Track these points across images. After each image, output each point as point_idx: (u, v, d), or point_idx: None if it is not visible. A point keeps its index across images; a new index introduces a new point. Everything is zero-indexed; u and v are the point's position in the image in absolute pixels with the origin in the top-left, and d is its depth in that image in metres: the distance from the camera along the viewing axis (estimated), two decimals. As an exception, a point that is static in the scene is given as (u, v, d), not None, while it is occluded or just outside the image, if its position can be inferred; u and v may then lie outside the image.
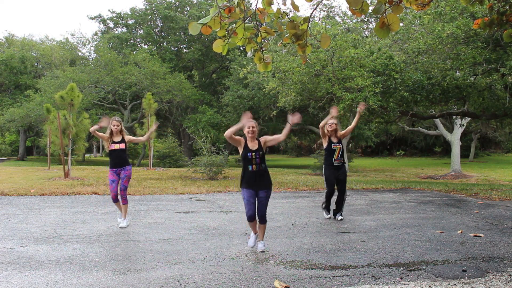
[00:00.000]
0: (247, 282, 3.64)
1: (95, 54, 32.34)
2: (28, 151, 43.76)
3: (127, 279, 3.72)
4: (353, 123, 6.84)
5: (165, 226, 6.02)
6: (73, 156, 15.07)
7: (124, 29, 34.53)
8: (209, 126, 26.50)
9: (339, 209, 6.67)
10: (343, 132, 6.82)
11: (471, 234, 5.49)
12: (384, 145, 46.51)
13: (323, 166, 6.78)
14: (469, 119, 20.09)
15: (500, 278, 3.76)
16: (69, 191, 9.80)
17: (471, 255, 4.51)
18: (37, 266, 4.07)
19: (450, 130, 22.26)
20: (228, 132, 4.54)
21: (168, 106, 30.77)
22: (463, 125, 19.96)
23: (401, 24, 13.84)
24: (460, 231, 5.67)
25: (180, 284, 3.58)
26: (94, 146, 55.10)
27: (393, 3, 3.14)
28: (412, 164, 30.23)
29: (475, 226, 6.08)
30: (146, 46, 33.97)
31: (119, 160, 6.06)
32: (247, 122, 4.66)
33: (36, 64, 36.84)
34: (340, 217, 6.61)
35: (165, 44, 34.37)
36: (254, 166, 4.61)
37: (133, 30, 34.61)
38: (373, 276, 3.79)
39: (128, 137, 6.26)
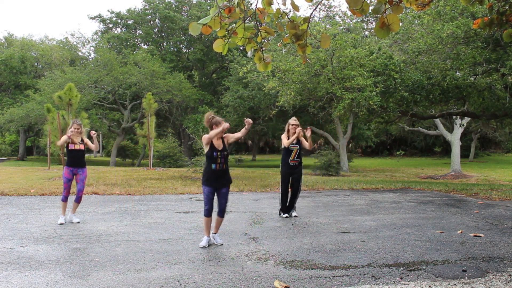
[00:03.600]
0: (247, 282, 3.64)
1: (94, 54, 32.34)
2: (28, 151, 43.74)
3: (127, 279, 3.72)
4: (308, 143, 6.91)
5: (165, 226, 6.02)
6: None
7: (124, 29, 34.54)
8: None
9: (291, 206, 6.91)
10: (304, 141, 6.92)
11: (471, 234, 5.49)
12: (384, 145, 46.51)
13: (280, 165, 7.08)
14: (469, 119, 20.08)
15: (500, 278, 3.76)
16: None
17: (471, 255, 4.51)
18: (37, 266, 4.07)
19: (450, 130, 22.26)
20: (212, 134, 4.73)
21: (168, 106, 30.78)
22: (463, 125, 19.96)
23: (401, 24, 13.84)
24: (460, 231, 5.67)
25: (180, 284, 3.58)
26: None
27: (393, 3, 3.14)
28: (412, 164, 30.23)
29: (475, 226, 6.08)
30: (146, 46, 33.96)
31: (77, 160, 6.31)
32: (222, 123, 4.77)
33: (36, 64, 36.84)
34: (294, 214, 6.90)
35: (165, 44, 34.38)
36: (218, 165, 4.82)
37: (133, 30, 34.62)
38: (373, 276, 3.79)
39: (86, 140, 6.50)
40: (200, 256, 4.45)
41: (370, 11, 3.34)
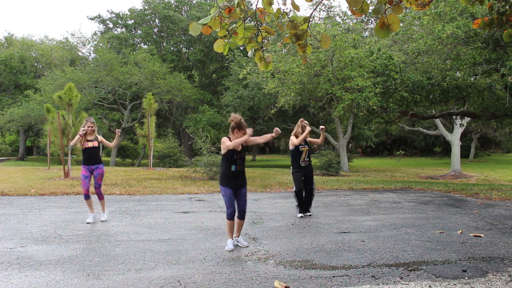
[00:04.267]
0: (247, 282, 3.64)
1: (94, 54, 32.35)
2: (28, 151, 43.76)
3: (127, 279, 3.72)
4: (321, 138, 7.08)
5: (165, 226, 6.02)
6: (73, 156, 15.08)
7: (124, 29, 34.54)
8: (209, 126, 26.50)
9: (308, 205, 6.96)
10: (312, 139, 7.08)
11: (471, 234, 5.49)
12: (384, 145, 46.54)
13: (291, 168, 7.03)
14: (469, 119, 20.09)
15: (500, 278, 3.76)
16: (69, 191, 9.80)
17: (471, 255, 4.51)
18: (37, 266, 4.07)
19: (450, 130, 22.26)
20: (234, 144, 4.64)
21: (168, 106, 30.78)
22: (463, 125, 19.97)
23: (401, 25, 13.85)
24: (460, 231, 5.67)
25: (180, 284, 3.58)
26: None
27: (393, 3, 3.14)
28: (412, 164, 30.23)
29: (475, 226, 6.08)
30: (146, 46, 33.97)
31: (93, 158, 6.39)
32: (247, 132, 4.68)
33: (36, 64, 36.84)
34: (308, 213, 6.94)
35: (165, 44, 34.38)
36: (238, 167, 4.78)
37: (133, 30, 34.63)
38: (373, 276, 3.79)
39: (100, 138, 6.60)
40: (200, 256, 4.46)
41: (370, 11, 3.34)
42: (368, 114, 14.60)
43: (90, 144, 6.36)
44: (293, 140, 6.89)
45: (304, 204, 6.95)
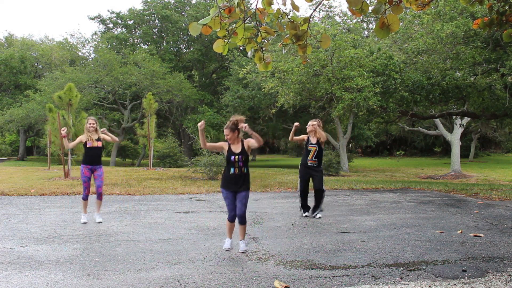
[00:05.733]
0: (247, 282, 3.64)
1: (94, 54, 32.37)
2: (28, 151, 43.76)
3: (127, 279, 3.72)
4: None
5: (165, 226, 6.02)
6: (73, 156, 15.09)
7: (124, 30, 34.55)
8: (209, 126, 26.51)
9: (317, 206, 6.80)
10: (323, 133, 6.93)
11: (471, 234, 5.49)
12: (384, 145, 46.53)
13: (300, 165, 6.96)
14: (469, 119, 20.09)
15: (500, 278, 3.76)
16: (69, 191, 9.80)
17: (471, 255, 4.51)
18: (37, 266, 4.07)
19: (450, 130, 22.26)
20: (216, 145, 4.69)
21: (168, 106, 30.78)
22: (463, 125, 19.97)
23: (400, 24, 13.85)
24: (460, 231, 5.68)
25: (180, 284, 3.58)
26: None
27: (393, 3, 3.14)
28: (412, 164, 30.23)
29: (475, 226, 6.09)
30: (145, 46, 33.98)
31: (95, 158, 6.26)
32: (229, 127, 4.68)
33: (36, 64, 36.84)
34: (318, 215, 6.77)
35: (164, 44, 34.39)
36: (237, 169, 4.67)
37: (133, 30, 34.64)
38: (373, 276, 3.79)
39: (102, 135, 6.44)
40: (200, 256, 4.46)
41: (370, 11, 3.34)
42: (368, 114, 14.60)
43: (94, 144, 6.21)
44: (298, 138, 6.87)
45: (313, 207, 6.83)
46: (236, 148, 4.71)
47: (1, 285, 3.54)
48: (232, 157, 4.66)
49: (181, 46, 34.98)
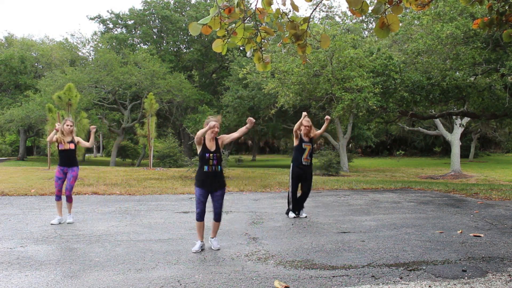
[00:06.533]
0: (247, 282, 3.64)
1: (94, 54, 32.36)
2: (28, 151, 43.74)
3: (127, 279, 3.72)
4: (322, 129, 6.87)
5: (165, 226, 6.02)
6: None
7: (124, 30, 34.55)
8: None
9: (301, 205, 6.84)
10: (317, 132, 6.92)
11: (471, 234, 5.49)
12: (384, 145, 46.53)
13: (291, 163, 6.84)
14: (469, 119, 20.09)
15: (500, 278, 3.76)
16: (69, 191, 9.79)
17: (471, 255, 4.51)
18: (37, 266, 4.07)
19: (450, 130, 22.27)
20: (199, 133, 4.56)
21: (168, 106, 30.78)
22: (463, 125, 19.97)
23: (400, 25, 13.85)
24: (460, 231, 5.68)
25: (180, 284, 3.58)
26: (94, 146, 55.07)
27: (393, 3, 3.14)
28: (412, 164, 30.23)
29: (475, 226, 6.09)
30: (145, 46, 33.99)
31: (68, 159, 6.32)
32: (212, 122, 4.62)
33: (36, 64, 36.83)
34: (304, 214, 6.82)
35: (164, 44, 34.39)
36: (210, 167, 4.65)
37: (133, 30, 34.64)
38: (373, 276, 3.79)
39: (77, 138, 6.50)
40: (200, 256, 4.46)
41: (370, 11, 3.34)
42: (368, 114, 14.59)
43: (66, 146, 6.29)
44: (295, 128, 6.69)
45: (296, 204, 6.81)
46: (211, 146, 4.70)
47: (1, 285, 3.54)
48: (207, 155, 4.64)
49: (181, 46, 34.98)
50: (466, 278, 3.76)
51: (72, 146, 6.35)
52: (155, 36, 34.35)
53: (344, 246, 4.87)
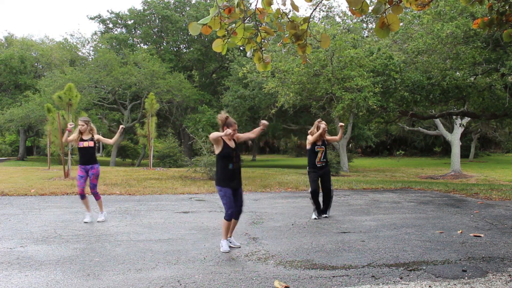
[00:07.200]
0: (247, 282, 3.64)
1: (94, 54, 32.36)
2: (28, 151, 43.75)
3: (127, 279, 3.72)
4: (339, 136, 7.01)
5: (165, 226, 6.02)
6: (73, 156, 15.08)
7: (124, 30, 34.55)
8: (209, 126, 26.50)
9: (326, 207, 6.86)
10: (329, 137, 7.07)
11: (471, 234, 5.49)
12: (384, 145, 46.53)
13: (307, 168, 6.92)
14: (469, 119, 20.10)
15: (500, 278, 3.76)
16: (69, 191, 9.80)
17: (471, 255, 4.51)
18: (37, 266, 4.07)
19: (450, 130, 22.27)
20: (215, 135, 4.61)
21: (168, 106, 30.79)
22: (463, 125, 19.97)
23: (400, 24, 13.85)
24: (460, 231, 5.67)
25: (180, 284, 3.58)
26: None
27: (393, 3, 3.14)
28: (412, 164, 30.23)
29: (475, 226, 6.08)
30: (145, 46, 33.99)
31: (87, 158, 6.37)
32: (228, 130, 4.60)
33: (36, 64, 36.84)
34: (324, 215, 6.82)
35: (164, 44, 34.39)
36: (235, 164, 4.74)
37: (133, 30, 34.63)
38: (373, 276, 3.79)
39: (97, 136, 6.53)
40: (200, 256, 4.46)
41: (370, 11, 3.34)
42: (368, 114, 14.60)
43: (85, 144, 6.34)
44: (309, 139, 6.78)
45: (320, 206, 6.83)
46: (231, 144, 4.77)
47: (1, 285, 3.54)
48: (231, 152, 4.70)
49: (181, 46, 34.98)
50: (466, 278, 3.76)
51: (91, 143, 6.39)
52: (155, 36, 34.34)
53: (344, 246, 4.87)
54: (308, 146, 6.83)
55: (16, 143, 44.99)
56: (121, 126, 6.64)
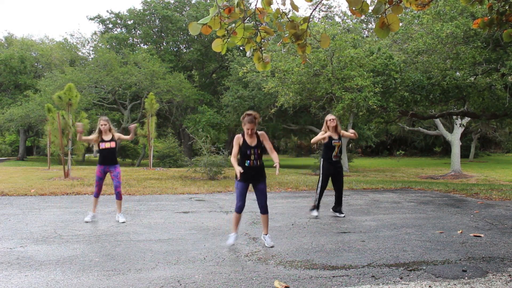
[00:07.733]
0: (247, 282, 3.64)
1: (94, 54, 32.35)
2: (28, 151, 43.75)
3: (127, 279, 3.72)
4: (351, 134, 7.01)
5: (165, 226, 6.01)
6: (73, 156, 15.08)
7: (123, 30, 34.54)
8: (208, 126, 26.51)
9: (340, 202, 6.94)
10: (345, 133, 7.04)
11: (471, 234, 5.49)
12: (384, 145, 46.53)
13: (321, 160, 6.90)
14: (469, 119, 20.09)
15: (500, 278, 3.76)
16: (69, 191, 9.81)
17: (471, 255, 4.51)
18: (37, 266, 4.07)
19: (450, 130, 22.26)
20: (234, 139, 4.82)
21: (168, 106, 30.79)
22: (463, 125, 19.97)
23: (400, 24, 13.85)
24: (460, 231, 5.67)
25: (180, 284, 3.58)
26: (94, 146, 55.03)
27: (393, 3, 3.14)
28: (412, 164, 30.23)
29: (475, 226, 6.08)
30: (145, 46, 33.98)
31: (110, 158, 6.33)
32: (246, 123, 4.76)
33: (36, 64, 36.84)
34: (342, 214, 6.87)
35: (164, 44, 34.38)
36: (252, 162, 4.80)
37: (132, 30, 34.62)
38: (373, 276, 3.79)
39: (117, 135, 6.48)
40: (200, 256, 4.45)
41: (370, 11, 3.34)
42: (368, 114, 14.59)
43: (107, 145, 6.26)
44: (319, 136, 6.75)
45: (335, 204, 6.94)
46: (252, 142, 4.83)
47: (1, 285, 3.54)
48: (248, 151, 4.78)
49: (181, 46, 34.98)
50: (466, 278, 3.76)
51: (112, 144, 6.32)
52: (155, 36, 34.32)
53: (344, 246, 4.87)
54: (324, 140, 6.77)
55: (16, 143, 45.00)
56: (133, 125, 6.57)
